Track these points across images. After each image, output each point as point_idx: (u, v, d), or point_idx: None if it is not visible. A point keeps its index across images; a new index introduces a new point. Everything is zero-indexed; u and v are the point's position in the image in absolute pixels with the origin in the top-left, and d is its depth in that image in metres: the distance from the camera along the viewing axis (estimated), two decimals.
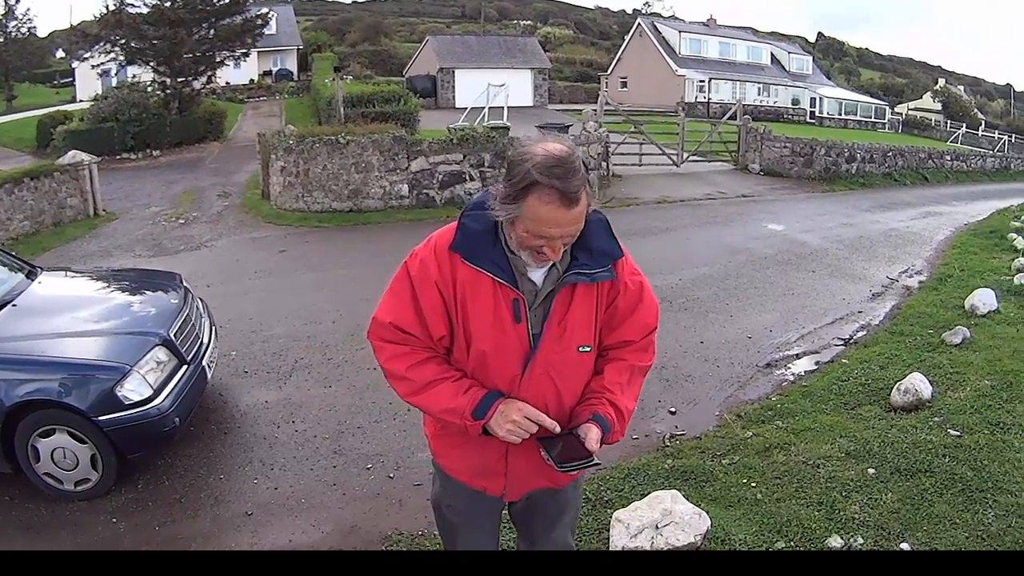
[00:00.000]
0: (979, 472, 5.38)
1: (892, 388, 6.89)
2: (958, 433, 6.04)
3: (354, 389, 7.37)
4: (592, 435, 2.65)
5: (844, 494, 5.15)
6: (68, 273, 7.87)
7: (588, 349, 2.78)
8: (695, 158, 24.88)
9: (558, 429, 2.67)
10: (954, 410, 6.45)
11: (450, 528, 3.25)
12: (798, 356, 8.47)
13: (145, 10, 29.88)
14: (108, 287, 7.31)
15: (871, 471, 5.47)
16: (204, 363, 6.45)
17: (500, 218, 2.49)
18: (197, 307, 7.11)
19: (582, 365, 2.79)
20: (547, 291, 2.64)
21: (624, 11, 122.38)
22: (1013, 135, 71.86)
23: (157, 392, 5.66)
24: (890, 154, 29.26)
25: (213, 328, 7.21)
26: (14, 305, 6.25)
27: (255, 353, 8.42)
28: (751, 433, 6.27)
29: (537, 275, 2.64)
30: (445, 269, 2.61)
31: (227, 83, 46.02)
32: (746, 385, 7.63)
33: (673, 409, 6.98)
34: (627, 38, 66.72)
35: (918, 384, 6.75)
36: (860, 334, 9.28)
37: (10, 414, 5.39)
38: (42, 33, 63.00)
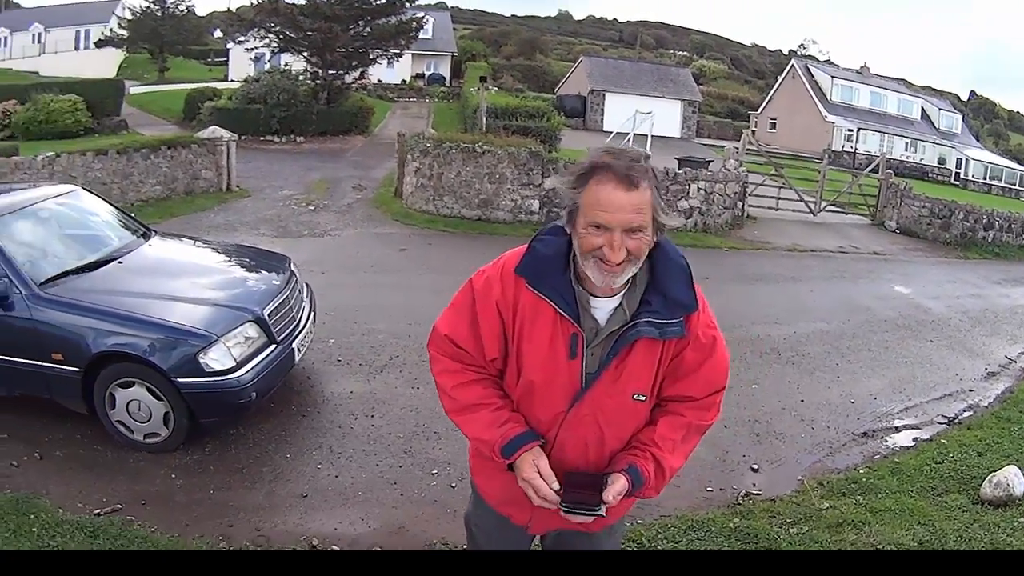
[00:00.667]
0: None
1: (985, 479, 6.54)
2: None
3: None
4: (616, 487, 2.58)
5: None
6: (182, 240, 8.45)
7: (644, 398, 2.70)
8: (832, 208, 24.27)
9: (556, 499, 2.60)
10: None
11: (476, 548, 3.36)
12: (897, 429, 8.14)
13: (302, 1, 31.04)
14: (215, 259, 7.82)
15: None
16: (295, 345, 6.75)
17: (565, 207, 2.54)
18: (301, 291, 7.47)
19: (634, 413, 2.73)
20: (609, 331, 2.57)
21: (780, 51, 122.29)
22: None
23: (240, 365, 6.01)
24: None
25: (313, 314, 7.53)
26: (120, 262, 6.76)
27: (352, 344, 8.68)
28: (828, 504, 6.08)
29: (602, 313, 2.59)
30: (509, 291, 2.62)
31: (379, 81, 47.23)
32: (836, 452, 7.40)
33: (756, 466, 6.84)
34: (780, 79, 66.42)
35: (1012, 478, 6.36)
36: (966, 414, 8.85)
37: (94, 361, 5.83)
38: (202, 12, 66.11)
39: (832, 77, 61.63)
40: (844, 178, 26.89)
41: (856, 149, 54.71)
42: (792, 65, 65.02)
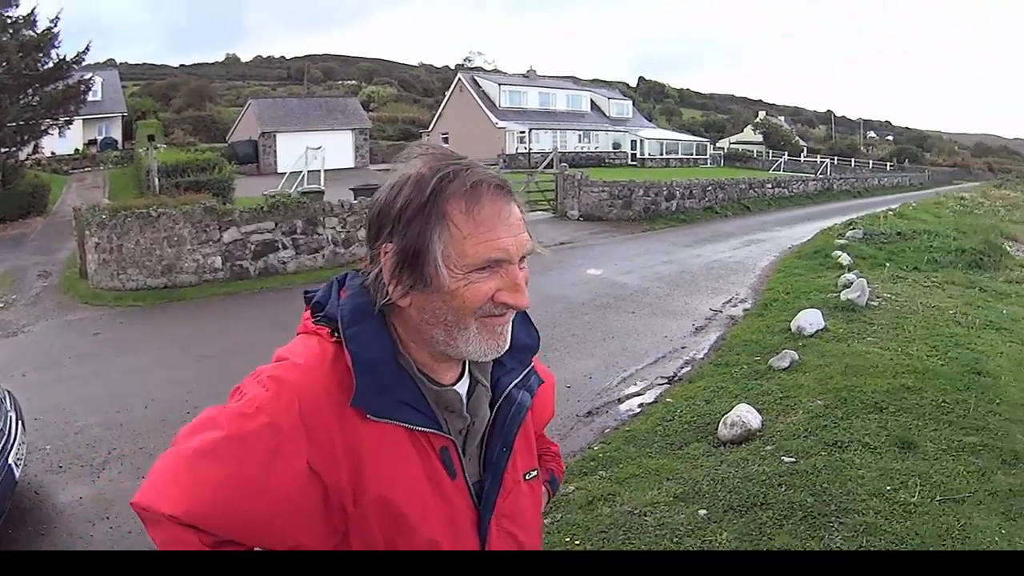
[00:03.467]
0: (820, 496, 5.45)
1: (719, 422, 6.97)
2: (793, 459, 6.13)
3: None
4: None
5: (675, 540, 5.08)
6: None
7: (536, 473, 2.01)
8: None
9: None
10: (787, 436, 6.59)
11: None
12: (620, 401, 8.50)
13: None
14: None
15: (702, 512, 5.43)
16: (10, 462, 6.34)
17: (394, 264, 1.59)
18: (3, 401, 6.99)
19: (534, 496, 2.01)
20: (481, 417, 1.81)
21: (448, 67, 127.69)
22: (835, 157, 79.79)
23: None
24: (709, 188, 30.78)
25: (21, 422, 7.05)
26: None
27: (69, 446, 8.23)
28: (573, 487, 6.17)
29: (457, 399, 1.78)
30: (326, 440, 1.59)
31: (52, 153, 44.71)
32: (566, 437, 7.56)
33: None
34: (448, 93, 69.18)
35: (745, 415, 6.85)
36: (685, 370, 9.46)
37: None
38: None
39: (499, 84, 65.29)
40: (521, 178, 28.04)
41: (530, 149, 57.90)
42: (459, 79, 67.84)
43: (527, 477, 1.95)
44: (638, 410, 8.17)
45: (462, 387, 1.79)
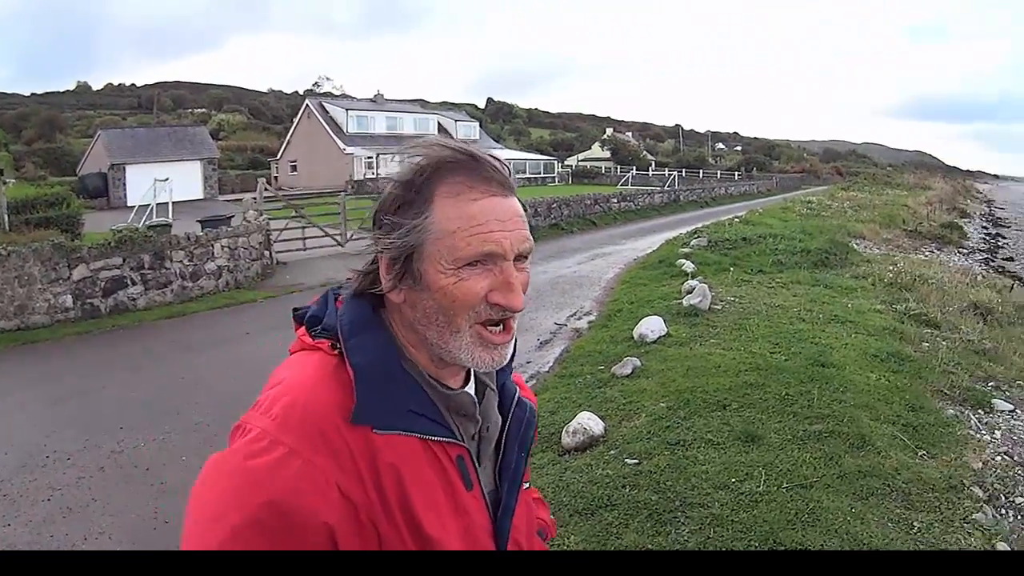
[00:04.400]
0: (664, 494, 5.68)
1: (562, 431, 7.20)
2: (636, 461, 6.36)
3: (32, 524, 6.99)
4: None
5: None
6: None
7: (528, 485, 1.92)
8: (361, 235, 25.36)
9: None
10: (630, 439, 6.84)
11: None
12: None
13: None
14: None
15: (548, 517, 5.55)
16: None
17: (388, 259, 1.58)
18: None
19: (529, 507, 1.94)
20: (493, 423, 1.74)
21: (297, 92, 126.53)
22: (683, 170, 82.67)
23: None
24: (555, 205, 31.46)
25: None
26: None
27: None
28: None
29: (469, 401, 1.69)
30: (347, 457, 1.46)
31: None
32: None
33: None
34: (296, 120, 68.83)
35: (587, 422, 7.13)
36: (531, 383, 9.67)
37: None
38: None
39: (347, 110, 65.50)
40: (368, 204, 28.07)
41: (378, 175, 58.05)
42: (307, 105, 67.68)
43: (526, 487, 1.88)
44: None
45: (471, 390, 1.71)
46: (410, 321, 1.58)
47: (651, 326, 10.52)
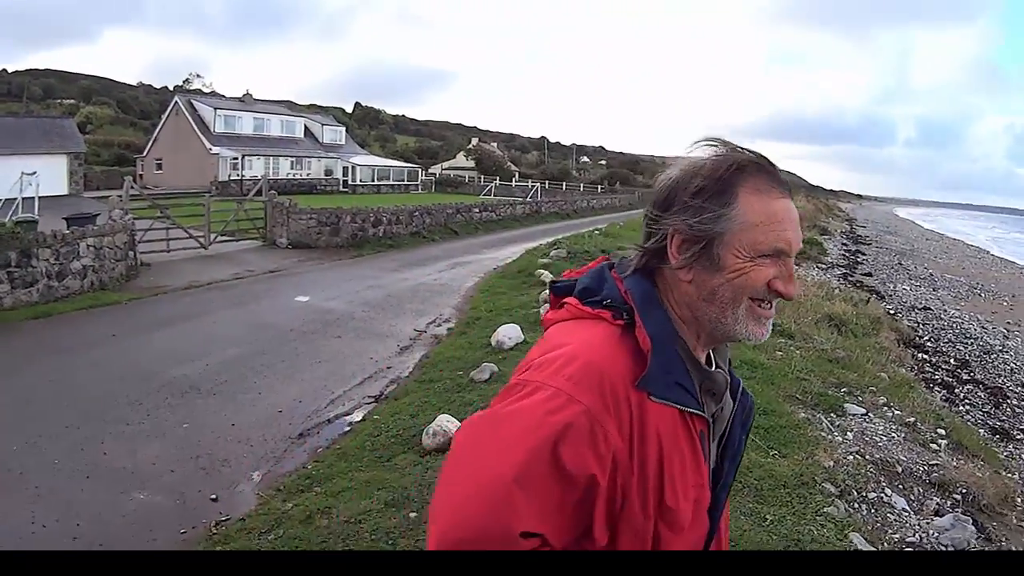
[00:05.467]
0: None
1: (423, 433, 7.74)
2: None
3: None
4: None
5: (390, 542, 5.73)
6: None
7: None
8: (224, 238, 25.20)
9: None
10: None
11: None
12: (330, 421, 9.12)
13: None
14: None
15: (413, 515, 6.12)
16: None
17: (683, 241, 1.71)
18: None
19: None
20: (726, 406, 1.89)
21: (167, 88, 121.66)
22: (547, 181, 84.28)
23: None
24: (416, 214, 31.71)
25: None
26: None
27: None
28: (292, 504, 6.68)
29: (712, 380, 1.83)
30: (627, 422, 1.60)
31: None
32: (282, 459, 8.03)
33: (215, 496, 7.19)
34: (164, 117, 66.62)
35: (446, 424, 7.68)
36: (391, 388, 10.23)
37: None
38: None
39: (215, 109, 63.75)
40: (231, 206, 27.94)
41: (243, 176, 56.95)
42: (176, 102, 65.56)
43: None
44: (348, 429, 8.79)
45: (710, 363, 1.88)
46: (691, 298, 1.74)
47: (508, 333, 11.19)
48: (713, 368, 1.83)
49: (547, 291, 2.09)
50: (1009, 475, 9.16)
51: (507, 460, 1.48)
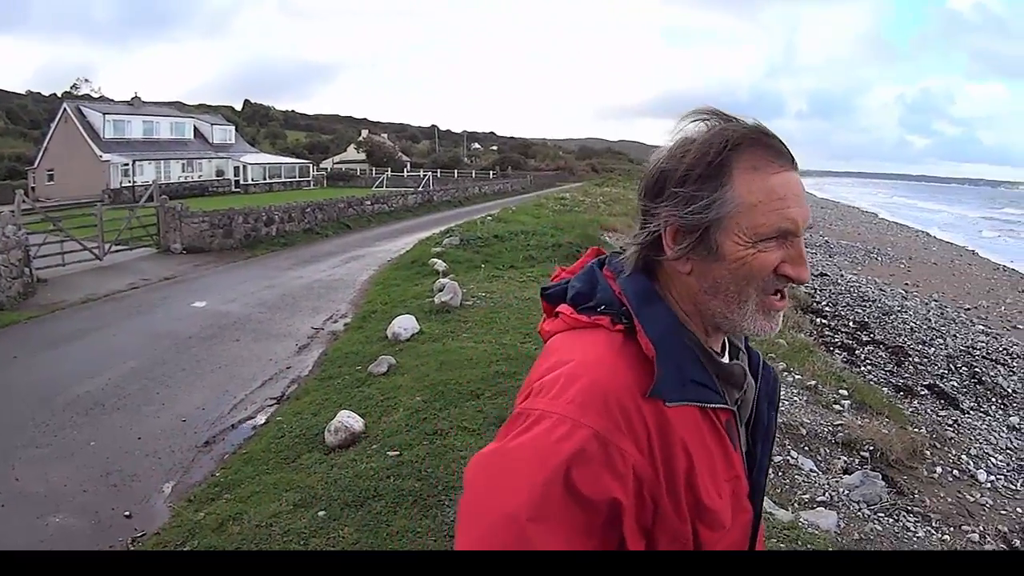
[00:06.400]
0: (426, 481, 6.40)
1: (325, 431, 7.80)
2: (397, 452, 7.04)
3: None
4: None
5: (303, 542, 5.78)
6: None
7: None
8: (119, 247, 24.72)
9: None
10: (390, 433, 7.55)
11: None
12: (234, 426, 9.15)
13: None
14: None
15: (322, 514, 6.20)
16: None
17: (677, 229, 1.57)
18: None
19: None
20: (749, 388, 1.76)
21: (56, 95, 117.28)
22: (439, 170, 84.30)
23: None
24: (308, 210, 31.56)
25: None
26: None
27: None
28: (203, 514, 6.71)
29: (732, 365, 1.74)
30: (643, 436, 1.47)
31: None
32: (190, 468, 8.04)
33: (128, 512, 7.17)
34: (53, 126, 64.35)
35: (347, 420, 7.78)
36: (291, 388, 10.30)
37: None
38: None
39: (104, 114, 62.03)
40: (123, 215, 27.48)
41: (135, 182, 55.86)
42: (64, 109, 63.33)
43: None
44: (252, 432, 8.83)
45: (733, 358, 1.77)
46: (692, 291, 1.60)
47: (404, 324, 11.29)
48: (727, 352, 1.73)
49: (439, 280, 2.18)
50: (916, 430, 9.54)
51: (518, 499, 1.38)
